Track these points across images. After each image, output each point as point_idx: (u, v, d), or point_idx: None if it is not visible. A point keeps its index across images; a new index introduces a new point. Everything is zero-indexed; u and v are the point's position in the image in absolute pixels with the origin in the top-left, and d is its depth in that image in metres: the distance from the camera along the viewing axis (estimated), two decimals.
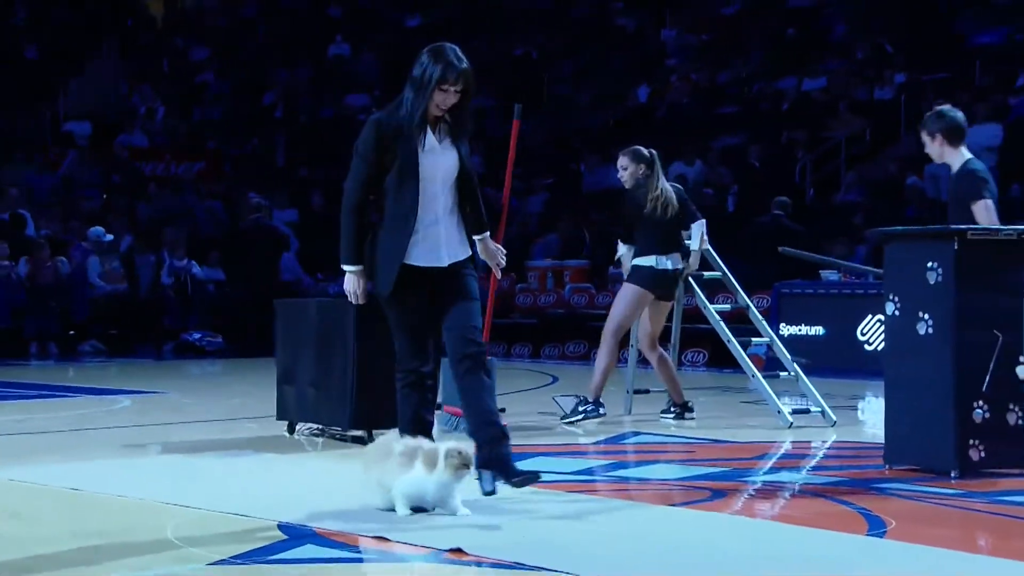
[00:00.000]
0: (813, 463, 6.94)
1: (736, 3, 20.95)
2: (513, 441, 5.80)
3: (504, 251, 5.46)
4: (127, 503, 5.24)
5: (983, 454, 6.02)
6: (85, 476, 5.85)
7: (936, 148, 6.88)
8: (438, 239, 5.02)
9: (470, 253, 5.13)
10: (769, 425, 7.99)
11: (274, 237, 16.42)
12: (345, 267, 5.14)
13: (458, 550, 4.28)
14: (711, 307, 8.67)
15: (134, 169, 20.19)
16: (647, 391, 8.75)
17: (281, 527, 4.67)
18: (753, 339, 9.16)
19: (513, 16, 23.49)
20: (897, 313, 6.21)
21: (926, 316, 6.08)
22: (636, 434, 7.74)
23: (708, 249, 8.62)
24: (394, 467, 4.80)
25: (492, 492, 4.97)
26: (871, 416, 8.91)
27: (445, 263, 5.04)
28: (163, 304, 16.28)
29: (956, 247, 6.03)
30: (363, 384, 7.03)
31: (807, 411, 8.24)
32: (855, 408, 9.50)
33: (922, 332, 6.09)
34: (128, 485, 5.58)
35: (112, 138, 20.96)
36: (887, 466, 6.24)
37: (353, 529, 4.61)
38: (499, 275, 5.97)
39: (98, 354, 15.15)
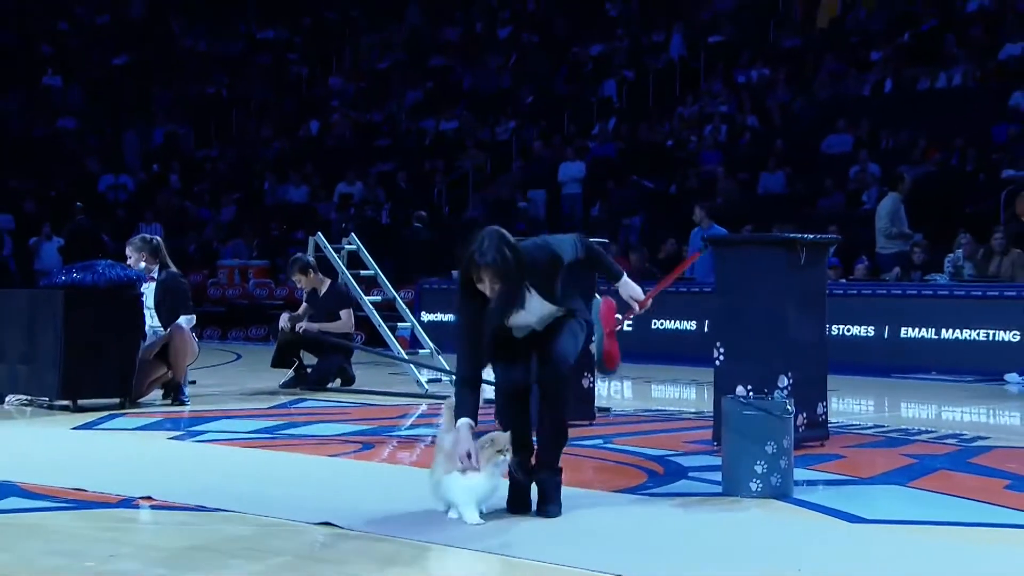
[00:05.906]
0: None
1: (387, 60, 21.20)
2: (201, 408, 5.58)
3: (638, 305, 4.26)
4: None
5: None
6: None
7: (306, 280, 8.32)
8: (530, 324, 4.03)
9: (566, 310, 4.05)
10: (410, 391, 8.11)
11: None
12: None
13: (148, 497, 4.11)
14: (366, 299, 8.70)
15: None
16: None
17: None
18: (399, 324, 9.28)
19: (207, 60, 22.72)
20: None
21: None
22: (302, 400, 7.67)
23: (363, 252, 8.66)
24: (441, 467, 3.86)
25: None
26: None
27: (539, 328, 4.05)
28: None
29: None
30: (69, 360, 6.63)
31: (440, 380, 8.43)
32: None
33: None
34: None
35: None
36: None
37: (55, 483, 4.33)
38: (633, 312, 4.41)
39: None
